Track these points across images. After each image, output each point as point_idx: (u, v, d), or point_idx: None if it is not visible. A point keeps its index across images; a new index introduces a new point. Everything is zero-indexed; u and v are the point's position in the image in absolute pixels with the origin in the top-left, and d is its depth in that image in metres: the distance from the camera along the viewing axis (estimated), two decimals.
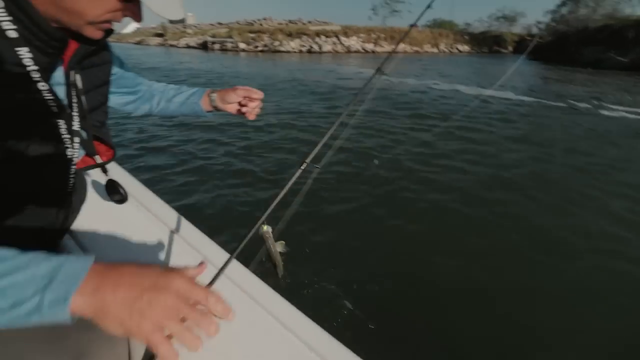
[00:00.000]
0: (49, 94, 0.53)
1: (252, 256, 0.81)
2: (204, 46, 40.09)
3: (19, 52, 0.48)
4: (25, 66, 0.49)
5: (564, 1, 38.09)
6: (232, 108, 0.91)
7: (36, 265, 0.35)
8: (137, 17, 0.55)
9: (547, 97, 10.00)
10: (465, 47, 46.11)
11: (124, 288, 0.36)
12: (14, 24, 0.47)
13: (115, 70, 0.78)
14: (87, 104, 0.64)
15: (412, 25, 1.07)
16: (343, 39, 39.48)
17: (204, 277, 0.71)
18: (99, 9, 0.50)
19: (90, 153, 0.69)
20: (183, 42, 45.98)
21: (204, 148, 4.81)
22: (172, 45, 46.29)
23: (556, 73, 18.57)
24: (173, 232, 0.92)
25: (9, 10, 0.46)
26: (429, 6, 0.94)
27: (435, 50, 43.86)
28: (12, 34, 0.47)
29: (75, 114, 0.61)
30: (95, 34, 0.54)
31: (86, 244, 0.82)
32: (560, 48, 26.87)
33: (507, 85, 11.65)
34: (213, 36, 42.52)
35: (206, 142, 5.08)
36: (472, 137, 5.66)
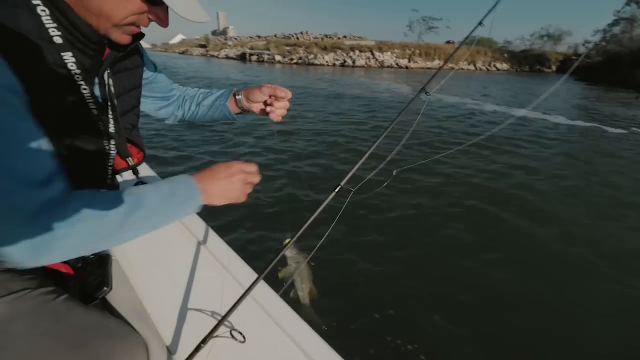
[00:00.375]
0: (89, 96, 0.55)
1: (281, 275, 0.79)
2: (242, 57, 41.93)
3: (64, 57, 0.50)
4: (69, 70, 0.51)
5: (616, 20, 35.97)
6: (257, 107, 0.86)
7: (176, 185, 0.56)
8: (163, 22, 0.55)
9: (603, 122, 9.27)
10: (504, 65, 44.56)
11: (214, 181, 0.59)
12: (59, 30, 0.49)
13: (148, 74, 0.80)
14: (120, 107, 0.66)
15: (462, 43, 1.00)
16: (377, 54, 39.63)
17: (231, 296, 0.69)
18: (123, 11, 0.51)
19: (123, 155, 0.70)
20: (223, 53, 48.38)
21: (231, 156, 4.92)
22: (212, 56, 48.85)
23: (611, 95, 17.33)
24: (200, 244, 0.91)
25: (53, 16, 0.48)
26: (480, 23, 0.88)
27: (471, 67, 42.79)
28: (58, 40, 0.49)
29: (110, 116, 0.62)
30: (122, 38, 0.55)
31: (114, 248, 0.83)
32: (611, 69, 25.21)
33: (559, 108, 10.95)
34: (251, 48, 44.38)
35: (233, 146, 5.22)
36: (520, 153, 5.43)
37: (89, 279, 0.73)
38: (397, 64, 39.56)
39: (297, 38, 54.17)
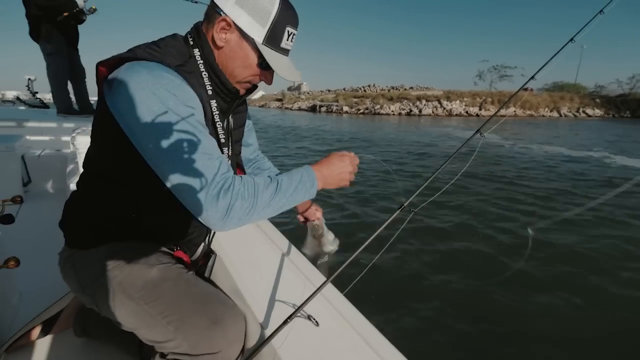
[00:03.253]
0: (221, 130, 0.80)
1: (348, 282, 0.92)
2: (312, 109, 45.63)
3: (211, 102, 0.76)
4: (213, 111, 0.77)
5: None
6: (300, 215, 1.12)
7: (303, 174, 0.75)
8: (269, 82, 0.81)
9: None
10: (596, 111, 39.85)
11: (330, 169, 0.80)
12: (211, 85, 0.76)
13: (248, 121, 1.05)
14: (233, 137, 0.91)
15: (524, 89, 1.08)
16: (445, 102, 39.26)
17: (304, 293, 0.84)
18: (245, 73, 0.76)
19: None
20: (296, 105, 53.41)
21: None
22: (287, 108, 54.26)
23: None
24: (280, 251, 1.10)
25: (210, 77, 0.75)
26: (535, 74, 0.98)
27: (554, 114, 39.21)
28: (210, 92, 0.76)
29: (229, 143, 0.87)
30: (241, 90, 0.81)
31: (217, 247, 1.06)
32: None
33: None
34: (321, 100, 48.21)
35: None
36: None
37: (200, 266, 0.98)
38: (466, 112, 38.42)
39: (365, 90, 57.18)
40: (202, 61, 0.74)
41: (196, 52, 0.74)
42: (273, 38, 0.72)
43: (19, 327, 1.06)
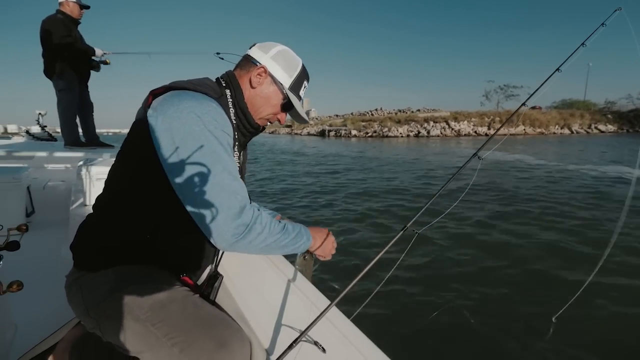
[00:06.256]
0: (238, 160, 0.88)
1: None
2: (321, 133, 46.45)
3: (235, 135, 0.84)
4: (234, 144, 0.85)
5: None
6: None
7: (303, 229, 0.89)
8: (282, 121, 0.97)
9: None
10: (609, 127, 39.27)
11: (319, 238, 0.97)
12: (235, 120, 0.86)
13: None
14: (243, 172, 0.99)
15: (522, 105, 1.10)
16: (453, 123, 39.41)
17: (310, 318, 0.85)
18: (269, 110, 0.91)
19: None
20: (305, 131, 54.50)
21: (312, 205, 5.32)
22: (296, 134, 55.40)
23: None
24: (285, 276, 1.11)
25: (236, 112, 0.87)
26: (526, 101, 1.01)
27: (565, 131, 38.75)
28: (234, 125, 0.84)
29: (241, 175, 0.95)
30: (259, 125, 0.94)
31: (221, 270, 1.07)
32: None
33: None
34: (330, 125, 49.11)
35: (313, 202, 5.62)
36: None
37: (204, 289, 1.00)
38: (475, 132, 38.37)
39: (372, 114, 58.02)
40: (231, 100, 0.87)
41: (228, 92, 0.87)
42: (295, 86, 0.93)
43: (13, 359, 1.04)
